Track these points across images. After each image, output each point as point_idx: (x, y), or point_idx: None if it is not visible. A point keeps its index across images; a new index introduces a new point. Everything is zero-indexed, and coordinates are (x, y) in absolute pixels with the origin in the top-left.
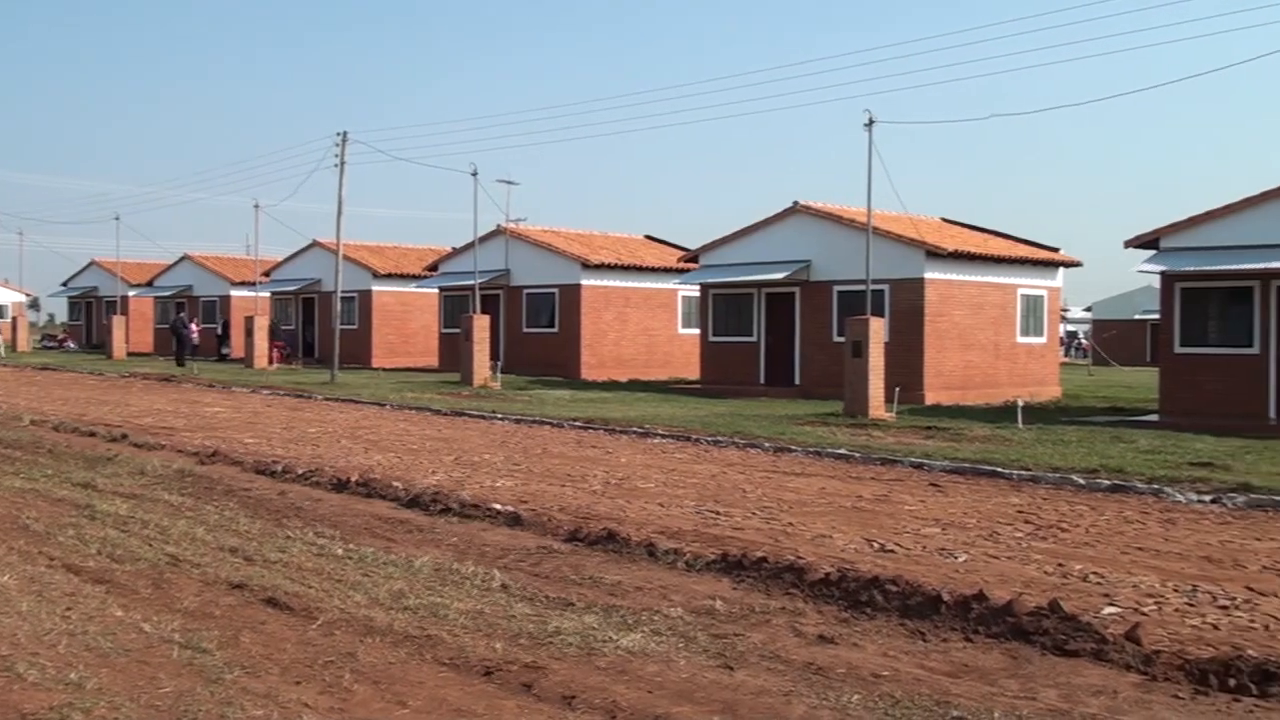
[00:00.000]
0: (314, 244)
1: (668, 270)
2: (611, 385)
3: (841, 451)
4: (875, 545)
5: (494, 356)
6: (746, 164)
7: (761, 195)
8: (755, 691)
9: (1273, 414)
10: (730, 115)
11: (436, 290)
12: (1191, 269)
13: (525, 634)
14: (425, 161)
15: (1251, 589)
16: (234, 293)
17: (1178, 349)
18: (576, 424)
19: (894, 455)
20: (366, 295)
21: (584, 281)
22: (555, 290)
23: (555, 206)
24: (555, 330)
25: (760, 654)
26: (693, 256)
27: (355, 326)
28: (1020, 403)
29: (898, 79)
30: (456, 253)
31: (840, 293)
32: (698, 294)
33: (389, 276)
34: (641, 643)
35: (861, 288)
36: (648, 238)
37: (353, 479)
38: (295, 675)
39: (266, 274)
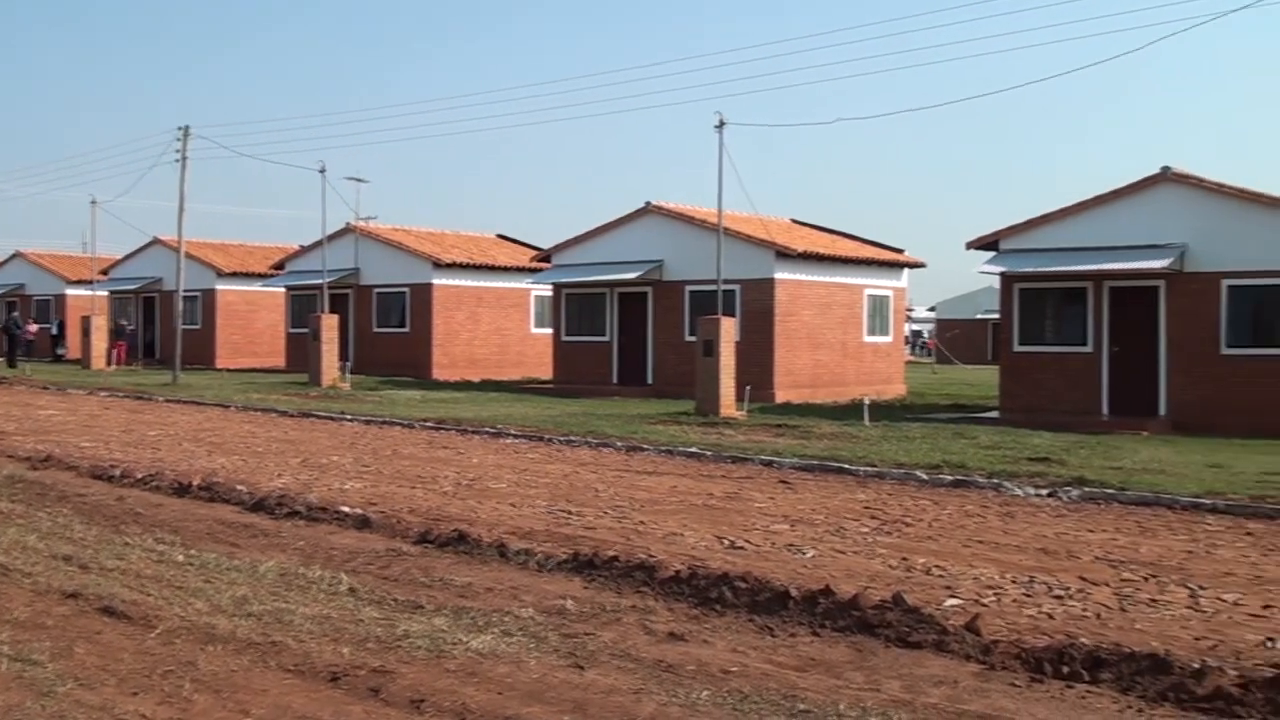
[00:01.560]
0: (155, 241)
1: (520, 270)
2: (464, 385)
3: (693, 450)
4: (726, 542)
5: (343, 357)
6: (599, 164)
7: (614, 195)
8: (605, 690)
9: (1105, 410)
10: (583, 115)
11: (283, 289)
12: (1029, 270)
13: (373, 638)
14: (272, 158)
15: (1084, 579)
16: (70, 291)
17: (1017, 347)
18: (428, 425)
19: (745, 453)
20: (210, 294)
21: (435, 281)
22: (406, 289)
23: (406, 205)
24: (406, 330)
25: (611, 653)
26: (545, 256)
27: (198, 326)
28: (867, 401)
29: (750, 82)
30: (304, 251)
31: (692, 292)
32: (550, 294)
33: (234, 275)
34: (492, 644)
35: (713, 288)
36: (500, 237)
37: (195, 483)
38: (133, 686)
39: (105, 272)
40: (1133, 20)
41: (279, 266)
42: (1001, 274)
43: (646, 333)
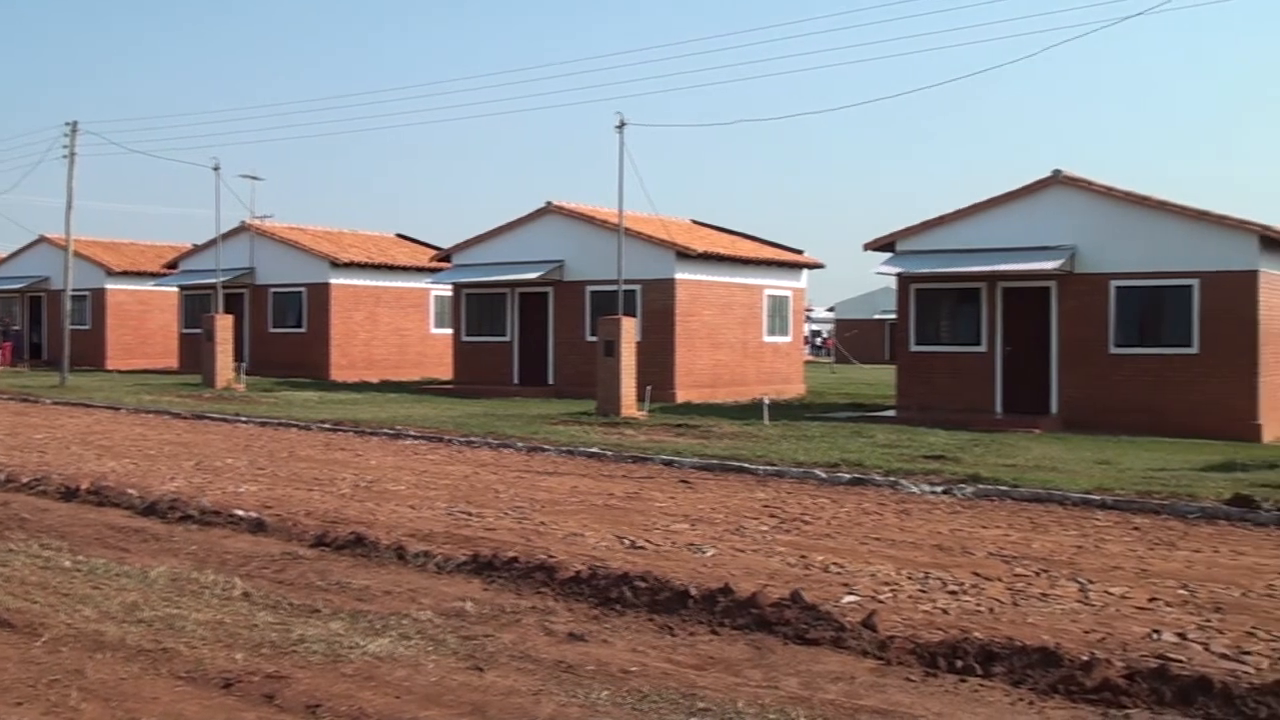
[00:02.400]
0: (41, 239)
1: (420, 269)
2: (362, 386)
3: (594, 450)
4: (626, 542)
5: (238, 358)
6: (500, 163)
7: (515, 195)
8: (505, 692)
9: (999, 408)
10: (483, 114)
11: (176, 289)
12: (924, 271)
13: (268, 643)
14: (164, 155)
15: (978, 574)
16: None
17: (913, 347)
18: (325, 426)
19: (645, 453)
20: (100, 294)
21: (333, 280)
22: (303, 289)
23: (304, 204)
24: (303, 330)
25: (510, 654)
26: (445, 256)
27: (88, 327)
28: (766, 400)
29: (651, 82)
30: (198, 250)
31: (593, 293)
32: (450, 294)
33: (125, 274)
34: (389, 647)
35: (614, 288)
36: (399, 236)
37: (83, 487)
38: (16, 696)
39: None
40: (1029, 25)
41: (172, 266)
42: (898, 275)
43: (547, 333)
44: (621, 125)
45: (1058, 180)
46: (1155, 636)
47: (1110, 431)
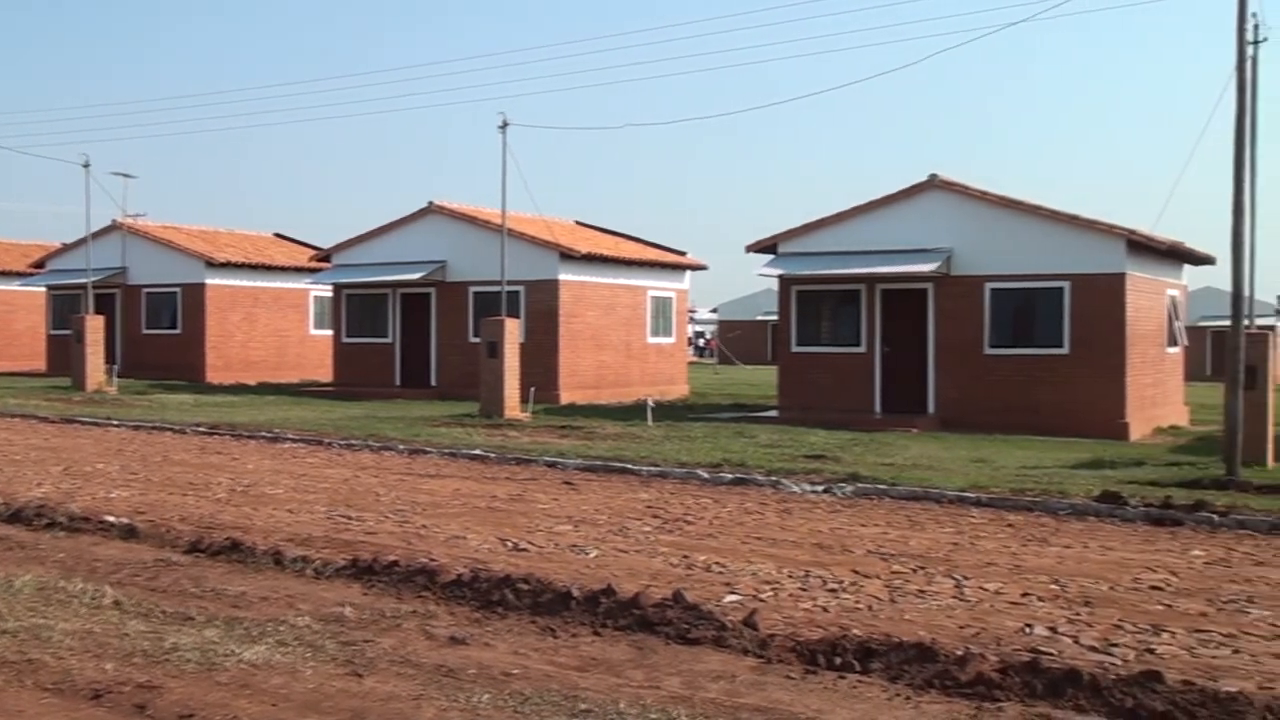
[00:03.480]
0: None
1: (299, 270)
2: (239, 389)
3: (477, 452)
4: (509, 544)
5: (110, 359)
6: (382, 163)
7: (397, 195)
8: (384, 698)
9: (878, 408)
10: (364, 113)
11: (44, 289)
12: (805, 273)
13: (139, 652)
14: (30, 150)
15: (857, 572)
16: None
17: (794, 348)
18: (200, 429)
19: (529, 454)
20: None
21: (209, 281)
22: (177, 290)
23: (178, 203)
24: (178, 331)
25: (390, 659)
26: (325, 256)
27: None
28: (650, 401)
29: (535, 82)
30: (67, 249)
31: (476, 293)
32: (331, 294)
33: None
34: (266, 654)
35: (497, 289)
36: (277, 236)
37: None
38: None
39: None
40: (913, 31)
41: (39, 265)
42: (779, 277)
43: (430, 334)
44: (504, 125)
45: (934, 184)
46: (1028, 631)
47: (985, 430)
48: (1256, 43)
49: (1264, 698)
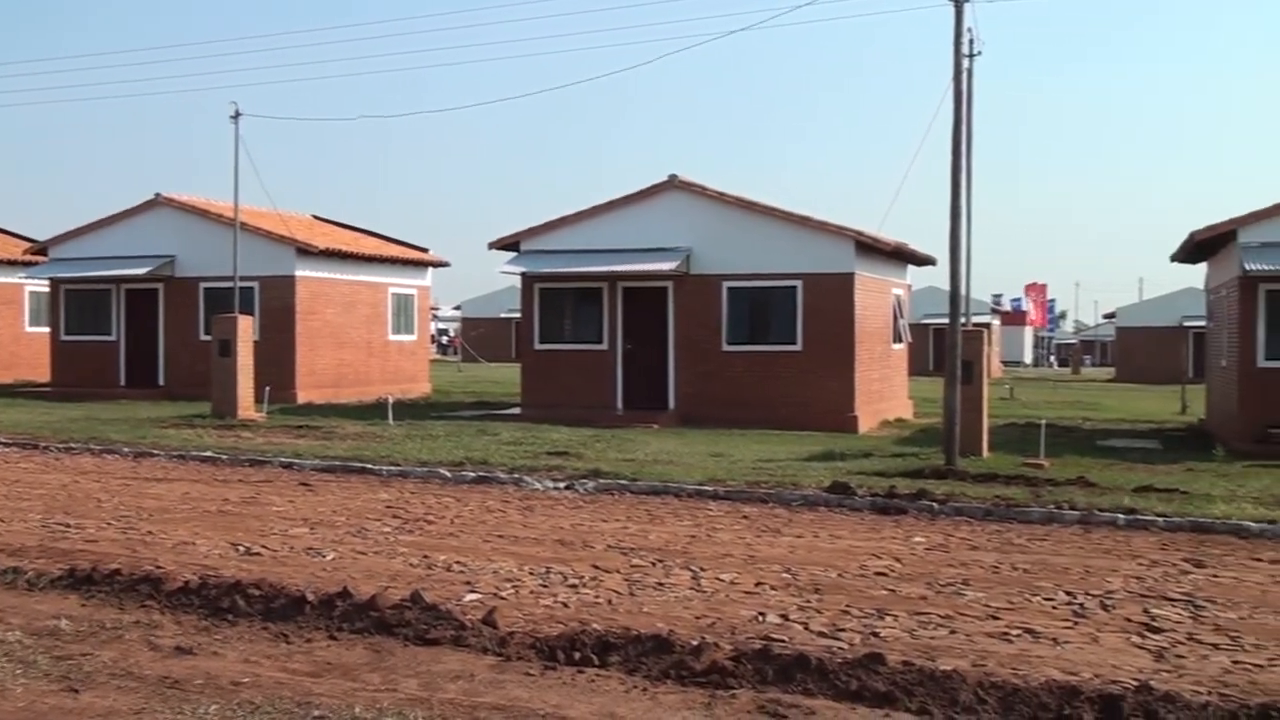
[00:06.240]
0: None
1: (13, 263)
2: None
3: (208, 454)
4: (241, 549)
5: None
6: (106, 152)
7: (124, 186)
8: (103, 713)
9: (620, 405)
10: (84, 99)
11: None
12: (547, 270)
13: None
14: None
15: (598, 567)
16: None
17: (537, 345)
18: None
19: (264, 456)
20: None
21: None
22: None
23: None
24: None
25: (111, 672)
26: (41, 249)
27: None
28: (391, 400)
29: (268, 71)
30: None
31: (208, 290)
32: (48, 289)
33: None
34: None
35: (230, 285)
36: None
37: None
38: None
39: None
40: (658, 33)
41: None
42: (522, 274)
43: (158, 332)
44: (236, 115)
45: (673, 185)
46: (761, 619)
47: (724, 425)
48: (972, 56)
49: (976, 674)
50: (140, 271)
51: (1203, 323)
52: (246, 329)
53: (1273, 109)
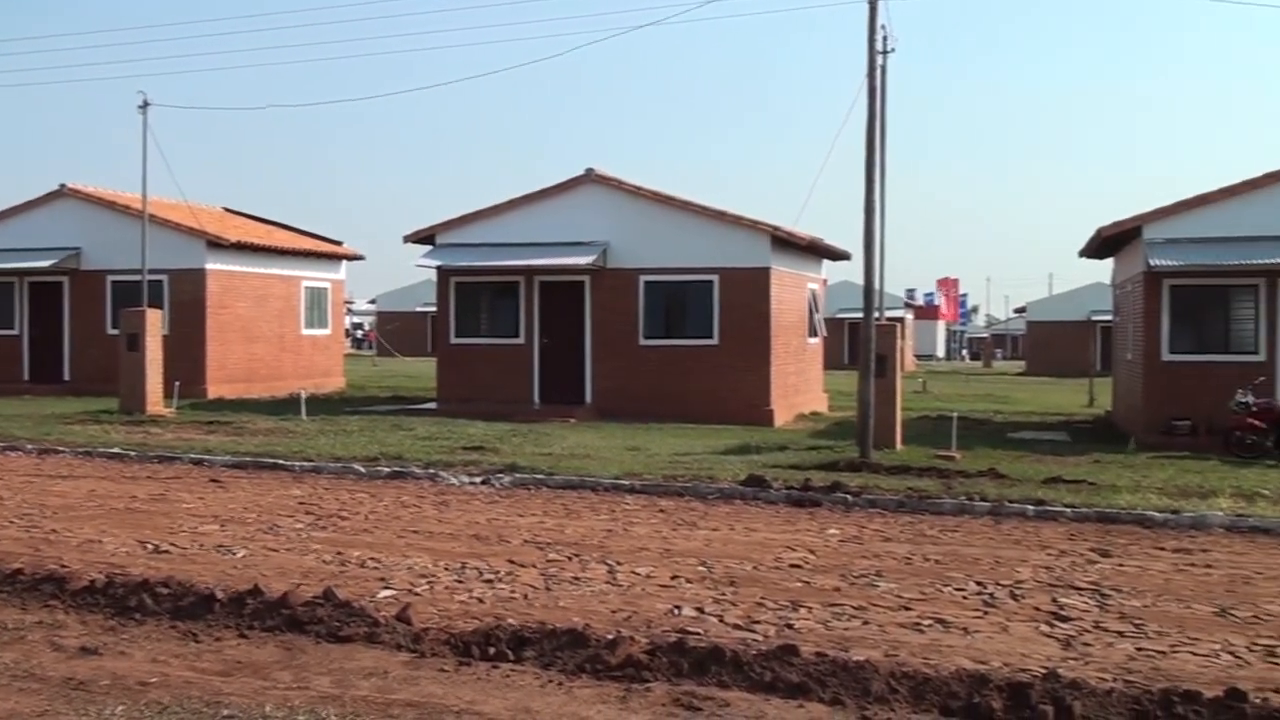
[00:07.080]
0: None
1: None
2: None
3: (115, 450)
4: (149, 547)
5: None
6: (4, 139)
7: (26, 176)
8: (4, 716)
9: (537, 399)
10: None
11: None
12: (464, 264)
13: None
14: None
15: (513, 562)
16: None
17: (453, 340)
18: None
19: (173, 452)
20: None
21: None
22: None
23: None
24: None
25: (12, 674)
26: None
27: None
28: (304, 394)
29: (176, 61)
30: None
31: (115, 283)
32: None
33: None
34: None
35: (138, 278)
36: None
37: None
38: None
39: None
40: (571, 26)
41: None
42: (438, 268)
43: (63, 326)
44: (144, 105)
45: (591, 178)
46: (676, 612)
47: (641, 419)
48: (885, 53)
49: (889, 664)
50: (44, 264)
51: (1110, 317)
52: (155, 323)
53: (1180, 108)
